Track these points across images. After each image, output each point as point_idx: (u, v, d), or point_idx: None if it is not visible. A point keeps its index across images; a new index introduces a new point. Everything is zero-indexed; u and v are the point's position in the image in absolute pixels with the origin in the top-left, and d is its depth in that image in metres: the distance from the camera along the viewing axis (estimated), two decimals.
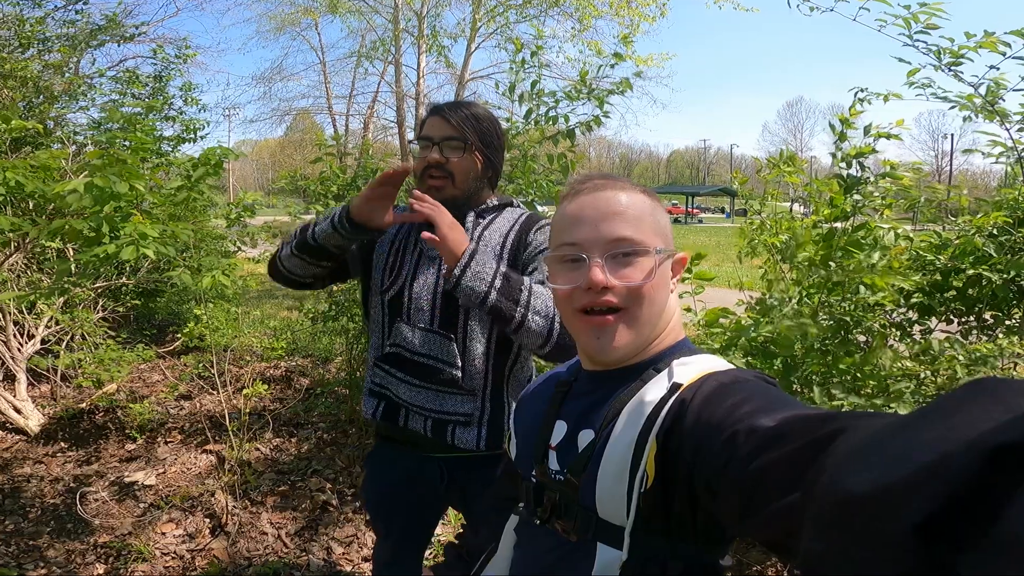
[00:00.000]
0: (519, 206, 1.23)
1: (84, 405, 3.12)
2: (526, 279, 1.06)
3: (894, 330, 1.89)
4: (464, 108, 1.16)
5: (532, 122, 2.46)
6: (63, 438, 2.83)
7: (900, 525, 0.25)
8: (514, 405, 0.83)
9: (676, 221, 35.35)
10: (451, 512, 2.21)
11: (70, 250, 2.90)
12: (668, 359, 0.63)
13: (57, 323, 3.34)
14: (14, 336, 3.13)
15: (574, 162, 2.51)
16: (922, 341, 1.69)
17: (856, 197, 1.55)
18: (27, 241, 1.92)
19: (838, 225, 1.68)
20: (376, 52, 11.76)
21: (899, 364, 1.48)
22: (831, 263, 1.66)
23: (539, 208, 2.55)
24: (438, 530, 2.09)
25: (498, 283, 1.02)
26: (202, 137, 5.19)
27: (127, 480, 2.44)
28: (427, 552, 1.99)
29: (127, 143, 2.10)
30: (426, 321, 1.12)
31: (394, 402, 1.16)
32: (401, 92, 11.51)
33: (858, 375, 1.59)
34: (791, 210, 2.34)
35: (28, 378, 3.17)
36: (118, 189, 1.26)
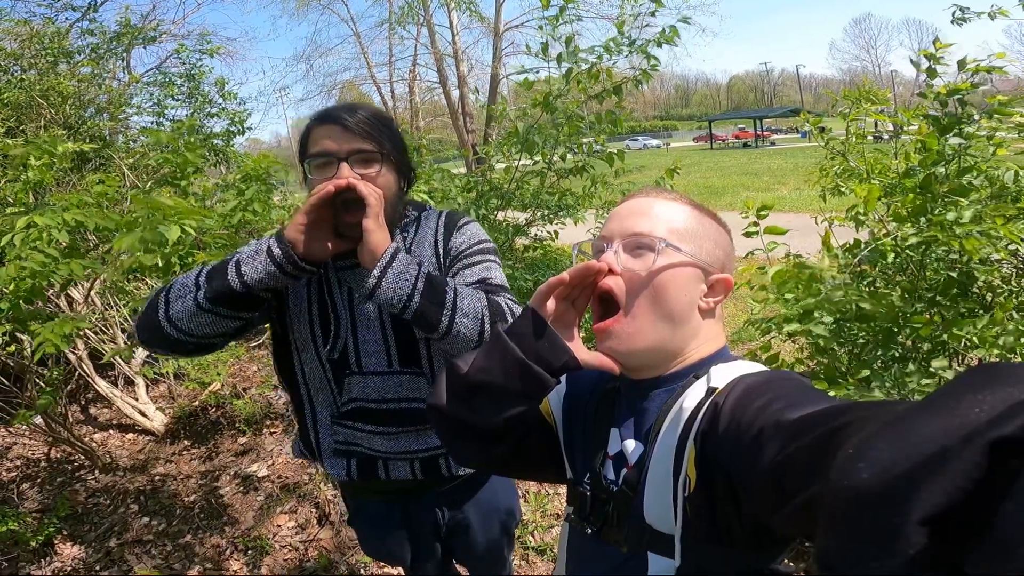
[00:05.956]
0: (430, 208, 1.11)
1: (196, 404, 3.48)
2: (450, 279, 0.94)
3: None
4: (361, 110, 0.96)
5: (574, 82, 2.31)
6: (185, 436, 3.19)
7: (905, 519, 0.26)
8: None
9: (746, 145, 32.83)
10: (531, 494, 2.28)
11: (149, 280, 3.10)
12: (708, 366, 0.64)
13: None
14: (124, 343, 3.50)
15: (622, 120, 2.35)
16: None
17: (956, 140, 1.32)
18: (99, 278, 2.06)
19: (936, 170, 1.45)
20: (406, 17, 11.50)
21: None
22: (926, 216, 1.44)
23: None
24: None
25: (421, 285, 0.88)
26: (250, 128, 5.28)
27: (244, 473, 2.72)
28: None
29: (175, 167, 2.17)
30: (383, 364, 1.00)
31: (369, 456, 1.06)
32: (439, 52, 11.27)
33: (979, 342, 1.38)
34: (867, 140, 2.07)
35: (146, 381, 3.57)
36: (169, 236, 1.32)
